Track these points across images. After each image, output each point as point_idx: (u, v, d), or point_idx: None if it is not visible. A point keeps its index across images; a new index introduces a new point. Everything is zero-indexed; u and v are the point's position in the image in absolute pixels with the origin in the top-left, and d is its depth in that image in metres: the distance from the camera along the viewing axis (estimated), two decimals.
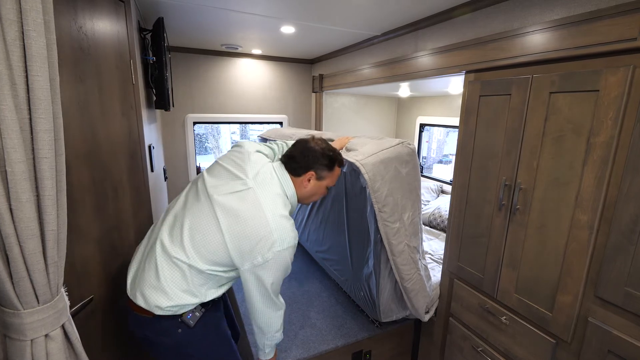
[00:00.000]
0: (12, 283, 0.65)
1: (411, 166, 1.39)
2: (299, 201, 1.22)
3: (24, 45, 0.59)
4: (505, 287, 1.28)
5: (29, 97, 0.61)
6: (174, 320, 1.03)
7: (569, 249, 1.05)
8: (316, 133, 1.86)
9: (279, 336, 1.22)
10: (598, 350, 1.00)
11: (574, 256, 1.04)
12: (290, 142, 1.61)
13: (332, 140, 1.69)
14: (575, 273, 1.04)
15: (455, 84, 1.97)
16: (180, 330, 1.04)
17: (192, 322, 1.05)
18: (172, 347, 1.05)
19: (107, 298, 1.17)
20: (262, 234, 1.00)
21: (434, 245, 2.28)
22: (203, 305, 1.09)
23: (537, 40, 1.10)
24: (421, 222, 1.50)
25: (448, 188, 2.90)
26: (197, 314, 1.07)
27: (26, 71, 0.60)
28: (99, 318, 1.13)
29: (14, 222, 0.62)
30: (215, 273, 1.04)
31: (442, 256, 1.84)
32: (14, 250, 0.64)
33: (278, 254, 1.01)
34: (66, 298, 0.78)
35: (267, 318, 1.13)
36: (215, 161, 1.21)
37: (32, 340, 0.69)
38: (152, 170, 1.61)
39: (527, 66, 1.14)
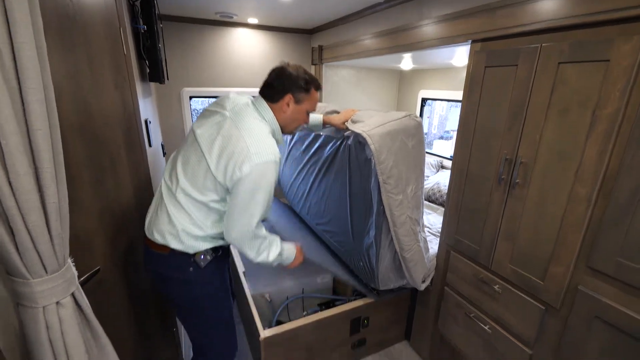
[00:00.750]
0: (19, 254, 0.66)
1: (417, 140, 1.39)
2: (282, 129, 1.23)
3: (5, 10, 0.56)
4: (500, 258, 1.31)
5: (16, 65, 0.59)
6: (187, 258, 1.14)
7: (565, 221, 1.07)
8: (320, 105, 1.82)
9: (264, 259, 1.20)
10: (585, 315, 1.05)
11: (569, 228, 1.06)
12: None
13: (337, 112, 1.66)
14: (570, 245, 1.06)
15: (460, 55, 1.91)
16: (191, 269, 1.15)
17: (202, 264, 1.15)
18: (182, 283, 1.16)
19: (113, 269, 1.20)
20: (239, 149, 1.04)
21: (432, 219, 2.31)
22: (214, 250, 1.19)
23: (548, 6, 1.05)
24: (423, 196, 1.51)
25: (448, 163, 2.89)
26: (208, 257, 1.17)
27: (11, 38, 0.58)
28: (106, 288, 1.16)
29: (14, 195, 0.62)
30: (212, 205, 1.11)
31: (439, 229, 1.87)
32: (18, 223, 0.64)
33: (257, 168, 1.02)
34: (73, 268, 0.79)
35: (240, 235, 1.11)
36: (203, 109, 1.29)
37: (44, 307, 0.71)
38: (149, 145, 1.60)
39: (537, 34, 1.10)
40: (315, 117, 1.63)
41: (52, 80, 0.66)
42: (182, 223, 1.12)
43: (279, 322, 2.01)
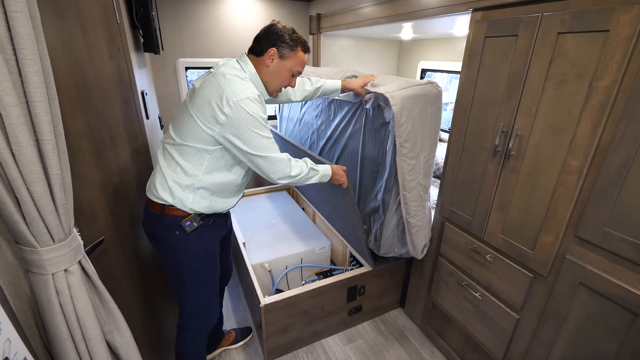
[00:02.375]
0: (26, 224, 0.69)
1: (436, 108, 1.42)
2: (266, 87, 1.24)
3: None
4: (492, 228, 1.35)
5: (11, 36, 0.59)
6: (176, 221, 1.21)
7: (556, 193, 1.09)
8: (339, 70, 1.79)
9: (299, 176, 1.27)
10: (571, 282, 1.10)
11: (560, 199, 1.09)
12: (313, 78, 1.62)
13: (356, 77, 1.65)
14: (560, 215, 1.10)
15: (460, 25, 1.86)
16: (178, 232, 1.21)
17: (188, 229, 1.21)
18: (169, 244, 1.24)
19: (116, 239, 1.24)
20: (214, 93, 1.09)
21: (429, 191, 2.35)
22: (203, 219, 1.24)
23: None
24: (433, 165, 1.55)
25: (446, 137, 2.89)
26: (195, 223, 1.22)
27: (4, 7, 0.57)
28: (111, 258, 1.20)
29: (17, 166, 0.64)
30: (196, 146, 1.14)
31: (435, 202, 1.91)
32: (23, 194, 0.66)
33: (235, 106, 1.06)
34: (79, 238, 0.82)
35: (281, 171, 1.21)
36: None
37: (52, 274, 0.75)
38: (147, 117, 1.59)
39: (539, 3, 1.07)
40: (334, 83, 1.62)
41: (48, 51, 0.65)
42: (171, 173, 1.18)
43: (278, 291, 2.10)
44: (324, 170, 1.37)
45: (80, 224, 1.05)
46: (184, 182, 1.18)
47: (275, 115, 2.98)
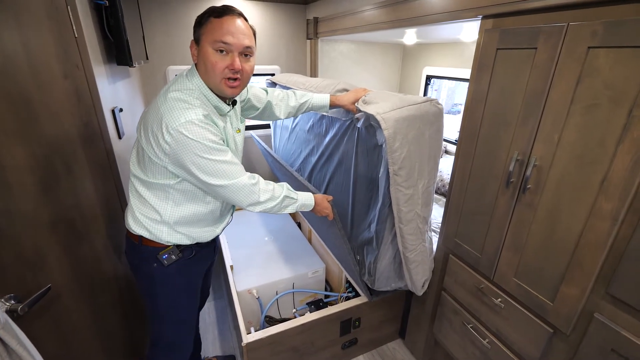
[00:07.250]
0: None
1: (435, 129, 1.24)
2: (212, 86, 1.02)
3: None
4: (504, 270, 1.17)
5: None
6: (153, 253, 1.10)
7: (583, 239, 0.91)
8: (329, 82, 1.63)
9: (271, 202, 1.11)
10: (600, 347, 0.91)
11: (587, 248, 0.90)
12: (299, 92, 1.47)
13: (347, 91, 1.48)
14: (587, 266, 0.91)
15: (468, 31, 1.68)
16: (155, 265, 1.11)
17: (166, 262, 1.11)
18: (147, 277, 1.14)
19: (73, 281, 1.10)
20: (155, 119, 0.95)
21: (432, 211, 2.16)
22: (182, 251, 1.13)
23: None
24: (434, 192, 1.37)
25: (452, 148, 2.69)
26: (173, 256, 1.12)
27: None
28: (65, 303, 1.07)
29: None
30: (159, 181, 1.03)
31: (439, 224, 1.73)
32: None
33: (176, 133, 0.91)
34: None
35: (243, 196, 1.05)
36: None
37: None
38: (119, 137, 1.45)
39: (563, 10, 0.89)
40: (321, 98, 1.46)
41: None
42: (140, 207, 1.09)
43: (268, 317, 1.95)
44: (304, 199, 1.21)
45: (22, 273, 0.92)
46: (155, 217, 1.08)
47: (269, 125, 2.82)
